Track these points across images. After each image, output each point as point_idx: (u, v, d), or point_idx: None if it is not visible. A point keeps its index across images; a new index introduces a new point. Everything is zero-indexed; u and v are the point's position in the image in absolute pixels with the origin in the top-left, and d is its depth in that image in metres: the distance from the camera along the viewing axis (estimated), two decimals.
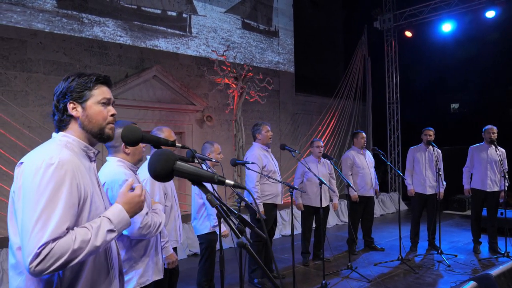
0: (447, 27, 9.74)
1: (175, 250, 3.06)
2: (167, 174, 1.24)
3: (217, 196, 1.33)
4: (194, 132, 8.56)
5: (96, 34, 7.25)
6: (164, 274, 2.63)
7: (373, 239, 6.43)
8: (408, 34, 10.39)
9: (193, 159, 2.51)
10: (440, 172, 5.81)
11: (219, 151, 4.18)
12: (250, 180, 4.68)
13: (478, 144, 6.06)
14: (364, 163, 6.13)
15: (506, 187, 5.84)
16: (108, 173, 2.32)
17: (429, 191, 6.02)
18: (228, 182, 1.26)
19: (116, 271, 1.69)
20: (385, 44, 11.01)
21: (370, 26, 11.12)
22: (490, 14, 8.96)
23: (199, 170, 1.25)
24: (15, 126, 6.07)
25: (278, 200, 4.88)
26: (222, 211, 1.27)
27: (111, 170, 2.34)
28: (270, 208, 4.83)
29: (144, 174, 2.74)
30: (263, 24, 10.31)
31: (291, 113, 10.75)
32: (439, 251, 5.74)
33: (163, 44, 8.22)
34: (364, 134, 6.28)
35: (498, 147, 5.80)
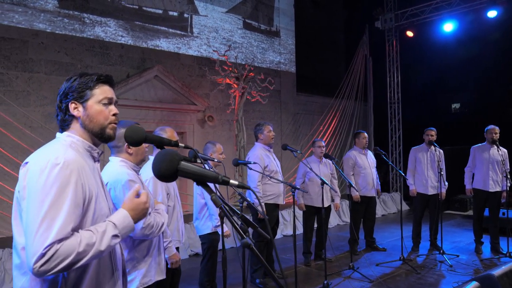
0: (448, 27, 9.71)
1: (177, 250, 3.06)
2: (171, 174, 1.24)
3: (220, 196, 1.33)
4: (195, 132, 8.55)
5: (97, 34, 7.26)
6: (166, 274, 2.62)
7: (374, 239, 6.42)
8: (409, 34, 10.37)
9: (195, 159, 2.51)
10: (442, 172, 5.80)
11: (221, 151, 4.18)
12: (252, 180, 4.67)
13: (480, 144, 6.05)
14: (366, 163, 6.13)
15: (508, 187, 5.83)
16: (111, 173, 2.32)
17: (431, 191, 6.01)
18: (232, 182, 1.25)
19: (120, 272, 1.69)
20: (386, 44, 10.99)
21: (372, 26, 11.11)
22: (492, 14, 8.93)
23: (204, 170, 1.25)
24: (17, 126, 6.08)
25: (280, 200, 4.87)
26: (226, 211, 1.27)
27: (114, 170, 2.33)
28: (272, 208, 4.83)
29: (147, 174, 2.74)
30: (264, 24, 10.30)
31: (293, 113, 10.75)
32: (441, 251, 5.73)
33: (164, 44, 8.22)
34: (365, 134, 6.27)
35: (500, 147, 5.79)
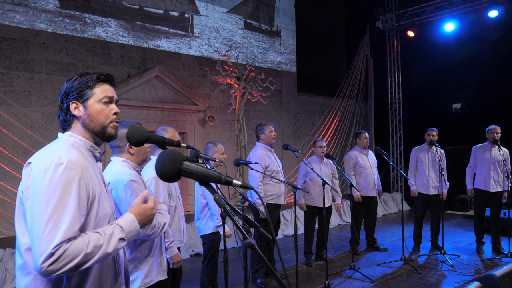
0: (449, 26, 9.70)
1: (179, 250, 3.06)
2: (174, 174, 1.24)
3: (223, 196, 1.33)
4: (196, 132, 8.56)
5: (98, 34, 7.26)
6: (168, 274, 2.62)
7: (375, 239, 6.42)
8: (410, 34, 10.36)
9: (197, 159, 2.51)
10: (443, 172, 5.80)
11: (222, 151, 4.17)
12: (253, 180, 4.67)
13: (481, 144, 6.04)
14: (367, 163, 6.12)
15: (509, 187, 5.82)
16: (113, 173, 2.32)
17: (432, 191, 6.00)
18: (235, 182, 1.25)
19: (123, 273, 1.69)
20: (387, 44, 10.98)
21: (372, 26, 11.11)
22: (493, 13, 8.92)
23: (207, 171, 1.25)
24: (18, 126, 6.08)
25: (281, 200, 4.87)
26: (228, 211, 1.27)
27: (115, 170, 2.33)
28: (273, 208, 4.83)
29: (149, 174, 2.74)
30: (265, 24, 10.30)
31: (293, 113, 10.75)
32: (442, 251, 5.73)
33: (165, 44, 8.22)
34: (367, 134, 6.26)
35: (501, 147, 5.78)
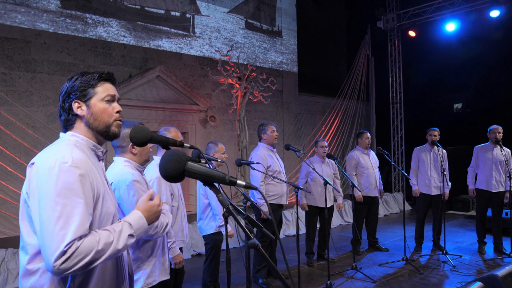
0: (451, 26, 9.69)
1: (181, 250, 3.06)
2: (178, 174, 1.24)
3: (227, 196, 1.33)
4: (197, 132, 8.56)
5: (99, 35, 7.26)
6: (170, 274, 2.62)
7: (377, 239, 6.41)
8: (411, 33, 10.35)
9: (199, 159, 2.50)
10: (445, 173, 5.79)
11: (224, 151, 4.17)
12: (255, 181, 4.67)
13: (483, 144, 6.03)
14: (369, 163, 6.11)
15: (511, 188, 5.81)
16: (115, 173, 2.32)
17: (434, 191, 5.99)
18: (239, 182, 1.25)
19: (126, 272, 1.69)
20: (388, 44, 10.98)
21: (374, 26, 11.10)
22: (495, 13, 8.91)
23: (211, 171, 1.25)
24: (19, 126, 6.09)
25: (283, 201, 4.87)
26: (232, 211, 1.27)
27: (118, 171, 2.33)
28: (275, 208, 4.83)
29: (151, 174, 2.74)
30: (266, 24, 10.30)
31: (295, 113, 10.74)
32: (444, 251, 5.72)
33: (166, 44, 8.22)
34: (368, 134, 6.25)
35: (503, 147, 5.77)
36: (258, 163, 4.31)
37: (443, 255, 5.72)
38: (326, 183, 4.50)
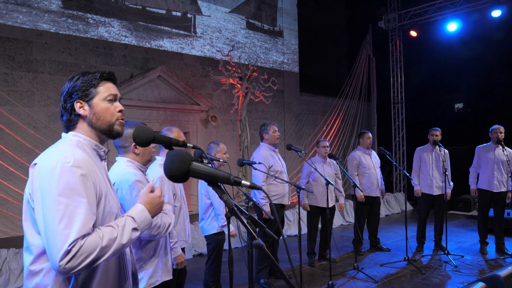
0: (452, 26, 9.68)
1: (183, 250, 3.06)
2: (183, 175, 1.23)
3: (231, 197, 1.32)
4: (198, 132, 8.56)
5: (101, 35, 7.27)
6: (173, 274, 2.62)
7: (379, 240, 6.40)
8: (413, 33, 10.34)
9: (201, 159, 2.50)
10: (447, 173, 5.78)
11: (225, 151, 4.17)
12: (257, 181, 4.66)
13: (485, 144, 6.02)
14: (370, 163, 6.11)
15: None
16: (118, 173, 2.32)
17: (436, 191, 5.98)
18: (244, 182, 1.25)
19: (129, 271, 1.69)
20: (389, 43, 10.97)
21: (375, 25, 11.09)
22: (496, 13, 8.89)
23: (215, 171, 1.24)
24: (21, 126, 6.09)
25: (285, 201, 4.86)
26: (237, 212, 1.26)
27: (120, 171, 2.33)
28: (277, 208, 4.82)
29: (153, 174, 2.74)
30: (267, 24, 10.29)
31: (296, 113, 10.74)
32: (445, 251, 5.71)
33: (167, 44, 8.22)
34: (370, 134, 6.25)
35: (505, 147, 5.76)
36: (260, 163, 4.30)
37: (445, 255, 5.71)
38: (328, 183, 4.50)
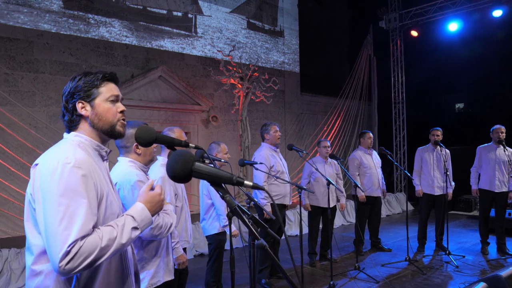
0: (453, 26, 9.67)
1: (185, 251, 3.05)
2: (186, 175, 1.23)
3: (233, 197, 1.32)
4: (199, 132, 8.56)
5: (102, 35, 7.27)
6: (174, 274, 2.62)
7: (380, 240, 6.40)
8: (414, 33, 10.33)
9: (203, 159, 2.50)
10: (448, 173, 5.77)
11: (226, 151, 4.16)
12: (258, 181, 4.65)
13: (486, 144, 6.01)
14: (371, 163, 6.10)
15: None
16: (120, 173, 2.32)
17: (437, 191, 5.97)
18: (247, 183, 1.25)
19: (132, 272, 1.69)
20: (390, 43, 10.96)
21: (376, 25, 11.08)
22: (497, 13, 8.88)
23: (218, 171, 1.24)
24: (22, 126, 6.10)
25: (287, 201, 4.86)
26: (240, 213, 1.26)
27: (122, 171, 2.33)
28: (278, 208, 4.82)
29: (155, 175, 2.74)
30: (268, 24, 10.29)
31: (297, 113, 10.73)
32: (447, 251, 5.70)
33: (168, 44, 8.22)
34: (371, 134, 6.24)
35: (506, 147, 5.75)
36: (261, 163, 4.30)
37: (446, 255, 5.71)
38: (329, 183, 4.49)
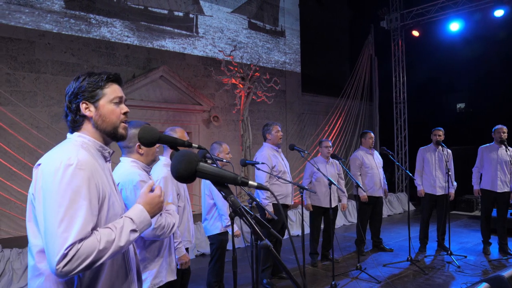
0: (454, 26, 9.65)
1: (187, 251, 3.05)
2: (190, 175, 1.23)
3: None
4: (200, 132, 8.55)
5: (103, 35, 7.27)
6: (177, 274, 2.62)
7: (381, 240, 6.39)
8: (415, 33, 10.32)
9: (205, 159, 2.50)
10: (450, 173, 5.76)
11: (228, 151, 4.16)
12: (259, 181, 4.65)
13: (488, 144, 6.01)
14: (373, 163, 6.10)
15: None
16: (122, 173, 2.31)
17: (439, 191, 5.97)
18: (251, 183, 1.24)
19: (134, 272, 1.68)
20: (392, 43, 10.95)
21: (377, 25, 11.07)
22: (499, 13, 8.87)
23: (222, 171, 1.24)
24: (24, 126, 6.10)
25: (288, 201, 4.85)
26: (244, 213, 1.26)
27: (125, 171, 2.33)
28: (279, 209, 4.81)
29: (157, 175, 2.74)
30: (269, 24, 10.29)
31: (298, 113, 10.73)
32: (448, 252, 5.70)
33: (170, 44, 8.22)
34: (372, 134, 6.24)
35: (508, 147, 5.74)
36: (263, 163, 4.30)
37: (447, 255, 5.70)
38: (331, 183, 4.49)
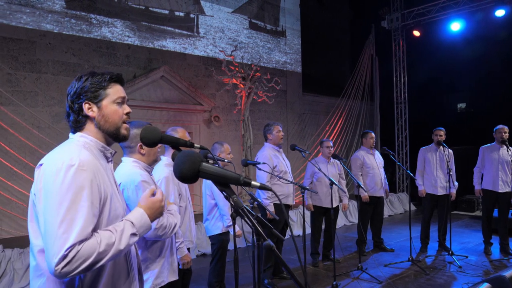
0: (455, 26, 9.64)
1: (189, 251, 3.05)
2: (193, 175, 1.23)
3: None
4: (201, 132, 8.55)
5: (104, 35, 7.27)
6: (178, 274, 2.61)
7: (382, 240, 6.38)
8: (416, 33, 10.31)
9: (206, 160, 2.49)
10: (451, 173, 5.76)
11: (229, 151, 4.16)
12: (260, 181, 4.65)
13: (489, 144, 6.00)
14: (374, 163, 6.09)
15: None
16: (124, 173, 2.31)
17: (440, 191, 5.96)
18: (254, 183, 1.24)
19: (136, 272, 1.68)
20: (392, 43, 10.94)
21: (378, 25, 11.06)
22: (500, 13, 8.87)
23: (225, 172, 1.24)
24: (25, 126, 6.10)
25: (290, 201, 4.85)
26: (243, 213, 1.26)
27: (126, 171, 2.33)
28: (281, 209, 4.81)
29: (159, 175, 2.74)
30: (270, 24, 10.29)
31: (299, 113, 10.72)
32: (449, 252, 5.69)
33: (170, 44, 8.22)
34: (373, 134, 6.23)
35: (509, 147, 5.73)
36: (264, 163, 4.29)
37: (449, 255, 5.69)
38: (332, 183, 4.48)
